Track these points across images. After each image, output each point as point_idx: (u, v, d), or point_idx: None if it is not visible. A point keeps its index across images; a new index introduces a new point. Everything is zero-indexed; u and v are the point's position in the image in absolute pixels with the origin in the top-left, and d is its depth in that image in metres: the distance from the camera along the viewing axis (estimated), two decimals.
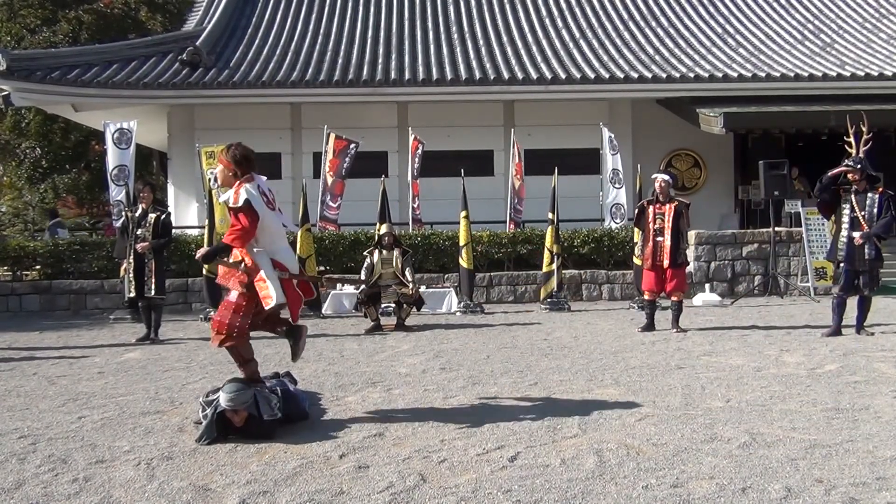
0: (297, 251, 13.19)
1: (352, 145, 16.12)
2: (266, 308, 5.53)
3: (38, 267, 16.16)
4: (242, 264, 5.56)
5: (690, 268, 14.61)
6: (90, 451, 5.08)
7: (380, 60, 19.15)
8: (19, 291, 15.22)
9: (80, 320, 13.68)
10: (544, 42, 20.56)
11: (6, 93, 17.81)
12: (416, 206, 16.47)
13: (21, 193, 34.43)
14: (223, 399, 5.17)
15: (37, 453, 5.05)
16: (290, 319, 5.89)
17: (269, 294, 5.46)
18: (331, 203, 16.10)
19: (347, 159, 16.12)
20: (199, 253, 5.83)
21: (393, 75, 18.29)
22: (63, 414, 6.20)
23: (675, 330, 10.36)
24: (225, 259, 5.69)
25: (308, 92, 17.98)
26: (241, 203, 5.49)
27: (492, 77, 18.17)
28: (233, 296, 5.62)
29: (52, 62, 17.90)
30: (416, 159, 16.52)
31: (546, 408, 6.00)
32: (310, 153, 18.62)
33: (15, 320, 13.72)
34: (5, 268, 16.31)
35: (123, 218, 11.43)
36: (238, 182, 5.63)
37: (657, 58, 19.76)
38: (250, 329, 5.71)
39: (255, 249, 5.59)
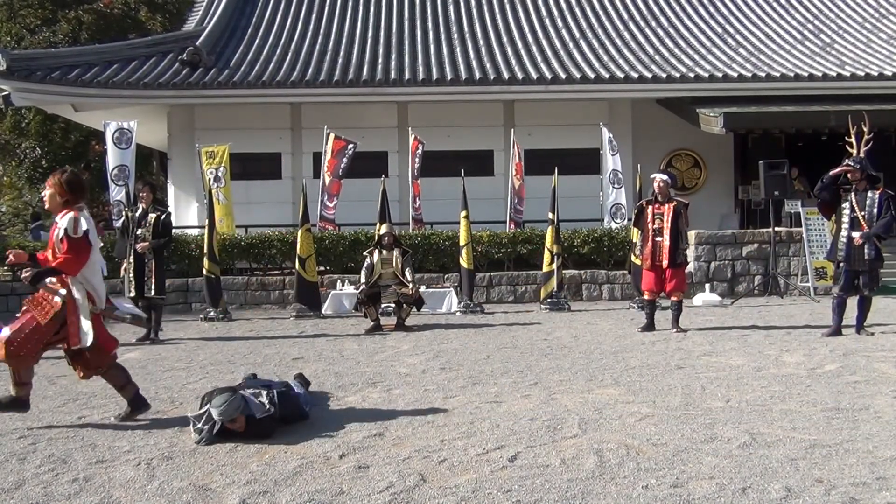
0: (298, 251, 13.20)
1: (349, 146, 16.13)
2: (72, 346, 5.65)
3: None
4: (60, 294, 5.61)
5: (690, 268, 14.62)
6: (90, 451, 5.08)
7: (380, 60, 19.15)
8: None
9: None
10: (544, 42, 20.56)
11: (6, 93, 17.81)
12: (416, 206, 16.48)
13: (21, 193, 34.44)
14: (216, 414, 5.13)
15: (37, 453, 5.05)
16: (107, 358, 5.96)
17: (81, 334, 5.62)
18: (328, 203, 16.12)
19: (345, 160, 16.14)
20: (25, 275, 5.64)
21: (393, 75, 18.29)
22: (63, 414, 6.20)
23: (674, 330, 10.36)
24: (50, 283, 5.67)
25: (308, 92, 17.98)
26: (80, 234, 5.58)
27: (492, 77, 18.17)
28: (38, 319, 5.61)
29: (52, 62, 17.90)
30: (417, 159, 16.54)
31: (546, 408, 6.01)
32: (310, 153, 18.63)
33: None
34: (5, 268, 16.29)
35: (123, 218, 11.44)
36: (70, 209, 5.68)
37: (657, 58, 19.76)
38: (39, 353, 5.72)
39: (77, 282, 5.67)
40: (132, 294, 10.63)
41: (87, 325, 5.65)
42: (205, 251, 13.27)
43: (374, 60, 19.19)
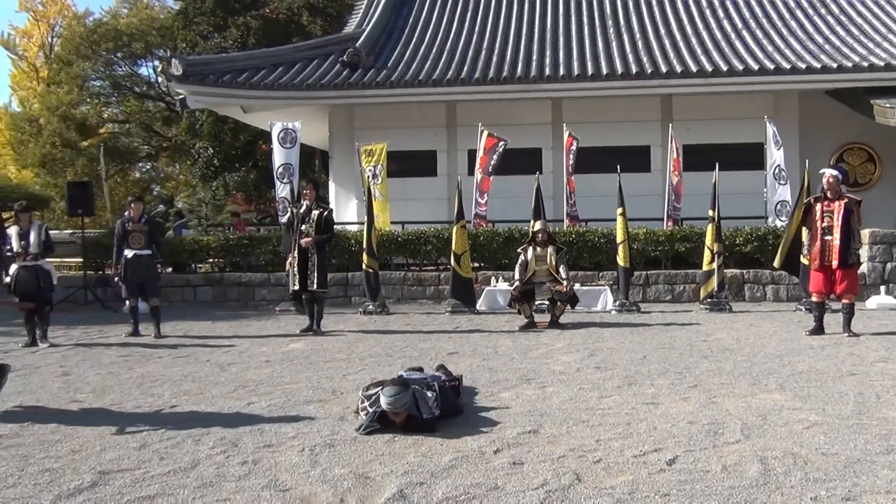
0: (453, 247, 13.37)
1: (500, 143, 16.18)
2: None
3: (210, 260, 17.13)
4: None
5: (864, 268, 13.79)
6: (258, 435, 5.35)
7: (534, 57, 19.09)
8: (194, 283, 16.21)
9: (249, 311, 14.40)
10: (704, 33, 19.89)
11: (182, 96, 18.98)
12: (571, 202, 16.33)
13: (195, 190, 36.56)
14: (383, 401, 5.31)
15: (210, 436, 5.36)
16: None
17: None
18: (479, 199, 16.25)
19: (496, 157, 16.21)
20: None
21: (547, 71, 18.19)
22: (234, 399, 6.55)
23: (846, 334, 9.81)
24: None
25: (463, 90, 18.15)
26: None
27: (649, 71, 17.74)
28: None
29: (223, 66, 18.89)
30: (571, 156, 16.39)
31: (706, 411, 5.82)
32: (464, 150, 18.82)
33: (190, 310, 14.58)
34: (182, 260, 17.36)
35: (288, 214, 11.91)
36: None
37: (827, 47, 18.72)
38: None
39: None
40: (296, 287, 11.06)
41: None
42: (364, 246, 13.67)
43: (529, 57, 19.15)
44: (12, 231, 10.48)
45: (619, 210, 13.65)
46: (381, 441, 5.12)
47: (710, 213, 13.55)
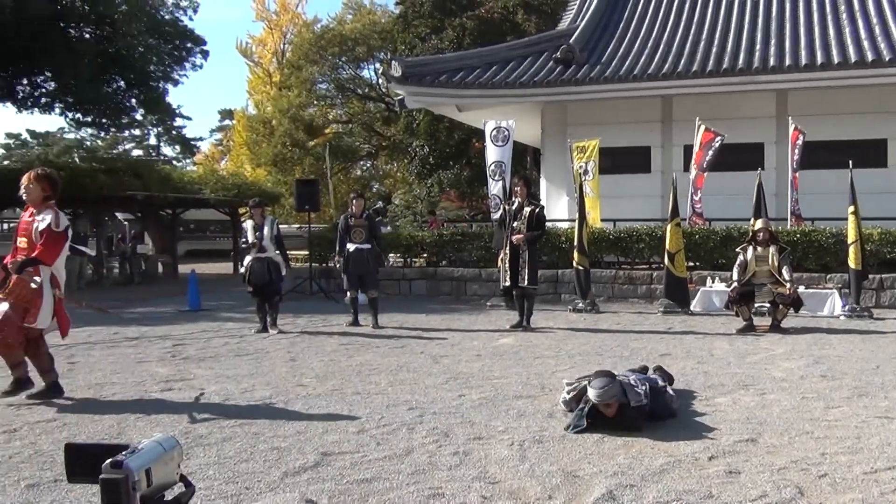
0: (667, 246, 13.01)
1: (717, 138, 15.51)
2: (30, 326, 6.26)
3: (424, 255, 17.69)
4: (35, 281, 6.26)
5: None
6: (469, 427, 5.47)
7: (757, 46, 18.14)
8: (409, 277, 16.80)
9: (461, 305, 14.73)
10: None
11: (401, 96, 19.69)
12: (794, 200, 15.40)
13: (411, 188, 37.91)
14: (592, 394, 5.26)
15: (423, 425, 5.54)
16: (60, 335, 6.66)
17: (41, 317, 6.28)
18: (694, 196, 15.68)
19: (710, 152, 15.57)
20: (11, 265, 6.34)
21: (772, 62, 17.23)
22: (445, 391, 6.73)
23: None
24: (28, 271, 6.27)
25: (680, 84, 17.58)
26: (61, 228, 6.33)
27: (887, 58, 16.34)
28: (11, 310, 6.22)
29: (439, 66, 19.42)
30: (797, 150, 15.44)
31: None
32: (680, 146, 18.22)
33: (405, 303, 15.12)
34: (398, 255, 18.06)
35: (501, 211, 12.06)
36: (49, 205, 6.36)
37: None
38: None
39: (48, 271, 6.32)
40: (507, 283, 11.18)
41: (49, 309, 6.37)
42: (575, 244, 13.59)
43: (751, 47, 18.23)
44: (247, 225, 11.34)
45: (851, 208, 12.69)
46: (591, 440, 5.09)
47: None
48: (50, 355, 6.63)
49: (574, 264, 13.65)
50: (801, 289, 12.03)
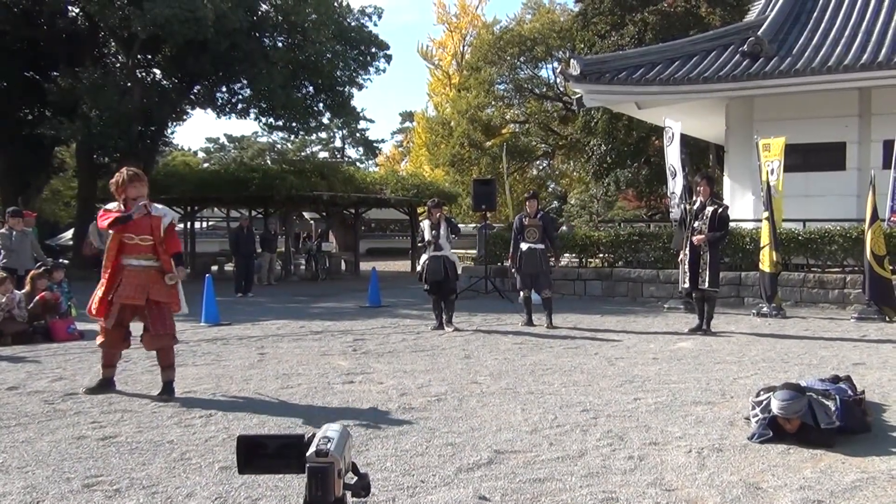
0: (872, 247, 12.19)
1: None
2: (177, 312, 6.79)
3: (601, 255, 17.46)
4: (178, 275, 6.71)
5: None
6: (644, 432, 5.34)
7: None
8: (584, 277, 16.63)
9: (637, 307, 14.43)
10: None
11: (579, 95, 19.51)
12: None
13: (587, 187, 37.50)
14: (775, 406, 5.00)
15: (597, 427, 5.47)
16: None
17: (182, 304, 6.83)
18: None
19: None
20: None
21: None
22: (620, 394, 6.61)
23: None
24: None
25: (880, 74, 16.36)
26: (177, 224, 6.77)
27: None
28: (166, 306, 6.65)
29: (618, 64, 19.09)
30: None
31: None
32: (879, 141, 17.00)
33: (580, 303, 14.98)
34: (573, 255, 17.92)
35: (681, 210, 11.71)
36: (151, 202, 6.61)
37: None
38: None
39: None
40: (686, 285, 10.84)
41: (182, 294, 6.80)
42: (767, 243, 12.97)
43: None
44: (425, 225, 11.61)
45: None
46: (775, 451, 4.85)
47: None
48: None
49: (760, 266, 13.04)
50: None
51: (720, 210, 10.74)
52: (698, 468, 4.52)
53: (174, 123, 27.72)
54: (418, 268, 11.76)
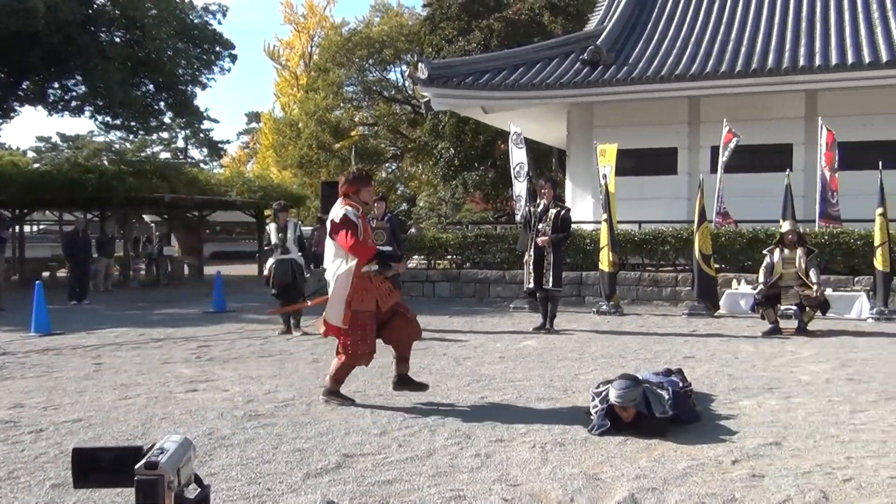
0: (700, 247, 12.95)
1: (734, 139, 15.40)
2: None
3: (449, 257, 17.69)
4: None
5: None
6: (490, 429, 5.46)
7: (786, 46, 17.95)
8: (433, 278, 16.82)
9: (484, 307, 14.71)
10: None
11: (427, 99, 19.71)
12: (834, 202, 15.11)
13: (436, 190, 37.93)
14: (613, 395, 5.25)
15: (445, 427, 5.54)
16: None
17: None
18: (720, 197, 15.60)
19: (727, 153, 15.46)
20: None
21: (802, 62, 17.04)
22: (468, 393, 6.73)
23: None
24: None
25: (708, 84, 17.41)
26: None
27: None
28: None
29: (465, 69, 19.41)
30: (834, 152, 15.18)
31: None
32: (707, 147, 18.08)
33: (428, 304, 15.13)
34: (422, 257, 18.08)
35: (525, 212, 12.03)
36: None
37: None
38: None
39: None
40: (531, 285, 11.15)
41: None
42: (605, 244, 13.53)
43: (781, 47, 18.04)
44: (271, 227, 11.41)
45: (879, 210, 12.54)
46: (613, 443, 5.06)
47: None
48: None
49: (600, 265, 13.60)
50: (829, 291, 11.91)
51: (563, 212, 11.13)
52: (542, 462, 4.66)
53: (0, 121, 26.04)
54: (265, 271, 11.54)
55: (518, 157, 16.57)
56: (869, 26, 18.19)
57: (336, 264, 6.13)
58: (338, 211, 6.10)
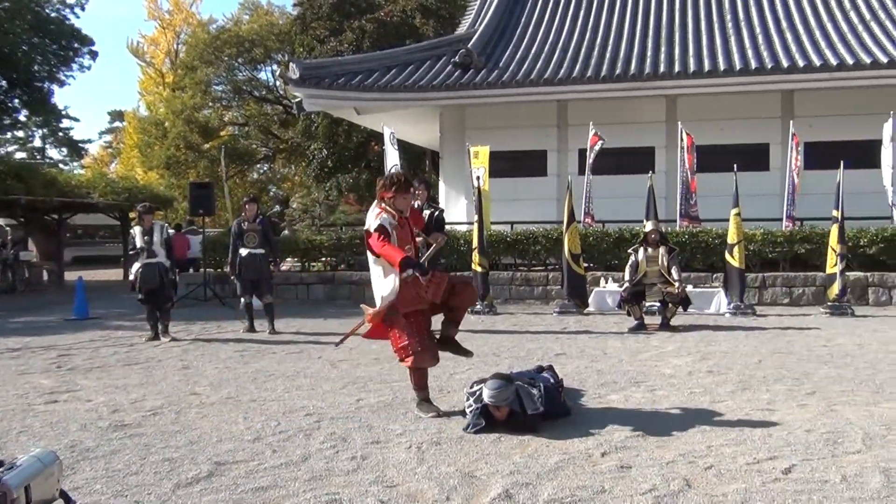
0: (569, 247, 13.30)
1: (599, 142, 15.94)
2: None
3: (323, 259, 17.52)
4: None
5: None
6: (367, 431, 5.44)
7: (648, 53, 18.71)
8: (307, 281, 16.61)
9: (359, 309, 14.61)
10: (829, 26, 19.03)
11: (299, 99, 19.46)
12: (693, 202, 15.83)
13: (309, 191, 37.52)
14: (486, 395, 5.33)
15: (321, 430, 5.49)
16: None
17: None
18: (588, 199, 16.08)
19: (592, 155, 15.99)
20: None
21: (662, 68, 17.80)
22: (344, 396, 6.69)
23: None
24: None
25: (574, 88, 17.95)
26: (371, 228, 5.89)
27: (769, 66, 17.12)
28: None
29: (338, 69, 19.29)
30: (693, 154, 15.90)
31: (825, 419, 5.59)
32: (575, 150, 18.62)
33: (303, 307, 14.94)
34: (296, 259, 17.83)
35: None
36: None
37: None
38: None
39: None
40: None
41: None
42: (475, 246, 13.70)
43: (643, 53, 18.79)
44: (136, 231, 10.99)
45: (735, 211, 13.22)
46: (488, 441, 5.13)
47: (835, 213, 13.00)
48: None
49: (473, 266, 13.78)
50: (690, 288, 12.45)
51: (437, 213, 11.18)
52: (418, 462, 4.68)
53: None
54: (131, 276, 11.11)
55: (393, 158, 16.57)
56: (724, 35, 19.16)
57: (377, 272, 5.94)
58: (372, 220, 5.81)
